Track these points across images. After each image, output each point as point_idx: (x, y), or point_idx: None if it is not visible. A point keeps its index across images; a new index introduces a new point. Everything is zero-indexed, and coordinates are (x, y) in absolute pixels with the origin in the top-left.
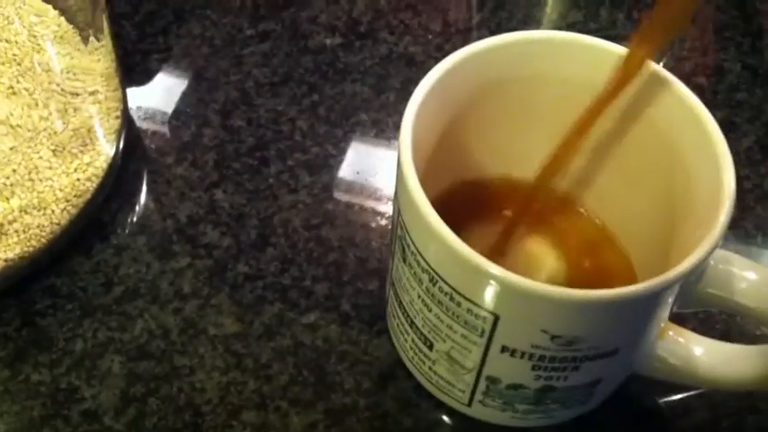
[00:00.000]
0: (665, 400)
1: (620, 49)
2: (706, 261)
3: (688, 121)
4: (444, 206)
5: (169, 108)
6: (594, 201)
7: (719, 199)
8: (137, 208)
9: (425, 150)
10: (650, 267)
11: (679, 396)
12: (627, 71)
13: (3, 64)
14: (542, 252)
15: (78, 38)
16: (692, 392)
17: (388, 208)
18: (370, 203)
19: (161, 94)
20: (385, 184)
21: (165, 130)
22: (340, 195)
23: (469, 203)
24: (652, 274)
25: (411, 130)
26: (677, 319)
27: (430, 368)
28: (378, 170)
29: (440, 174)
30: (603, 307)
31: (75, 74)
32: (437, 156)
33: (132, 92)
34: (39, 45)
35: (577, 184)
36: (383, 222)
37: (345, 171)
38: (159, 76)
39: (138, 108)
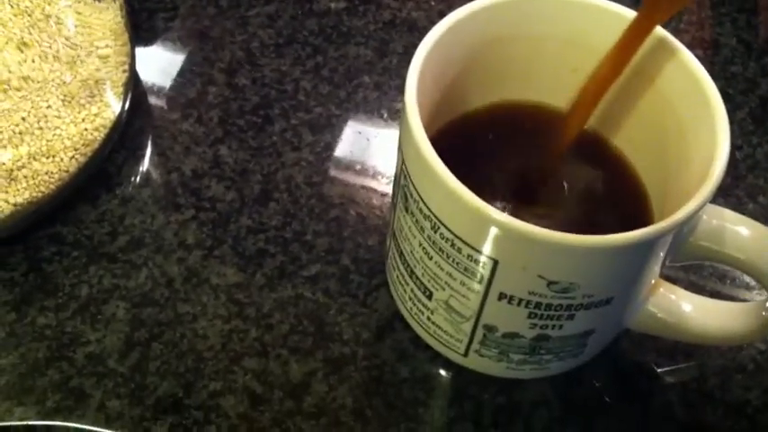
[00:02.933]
0: (654, 358)
1: (621, 10)
2: (699, 213)
3: (688, 82)
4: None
5: (175, 66)
6: None
7: (714, 154)
8: (142, 161)
9: (428, 104)
10: None
11: (667, 355)
12: (636, 35)
13: (15, 15)
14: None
15: None
16: (679, 352)
17: (387, 168)
18: (370, 163)
19: (167, 52)
20: (385, 145)
21: (170, 87)
22: (342, 154)
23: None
24: None
25: (416, 81)
26: (669, 279)
27: (428, 318)
28: (379, 131)
29: (441, 114)
30: (599, 253)
31: (84, 27)
32: (440, 107)
33: (139, 50)
34: None
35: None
36: (383, 181)
37: (347, 131)
38: (165, 35)
39: (145, 65)
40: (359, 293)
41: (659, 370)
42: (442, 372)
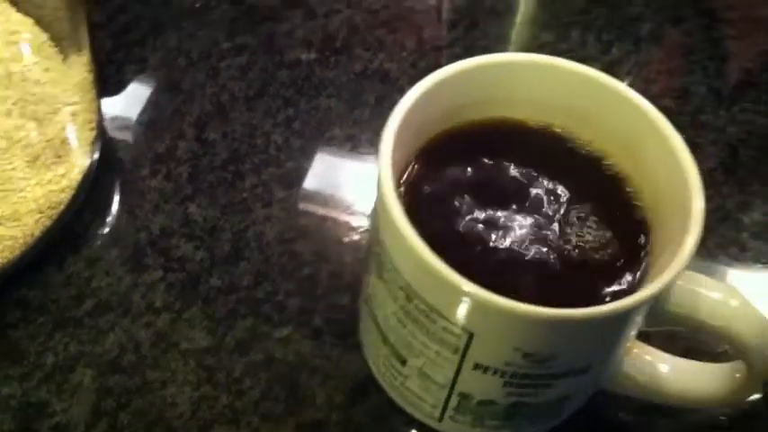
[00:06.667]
0: (630, 415)
1: (591, 72)
2: (673, 282)
3: (660, 147)
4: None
5: (144, 120)
6: None
7: (688, 224)
8: (110, 220)
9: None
10: None
11: (643, 412)
12: None
13: None
14: None
15: (55, 49)
16: (656, 409)
17: (361, 222)
18: (343, 218)
19: (136, 105)
20: (358, 198)
21: (139, 141)
22: (314, 210)
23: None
24: None
25: (390, 150)
26: (644, 335)
27: (402, 383)
28: (351, 185)
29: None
30: (573, 325)
31: (51, 85)
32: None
33: (107, 103)
34: (16, 55)
35: None
36: (356, 237)
37: (319, 185)
38: (134, 88)
39: (113, 119)
40: (332, 355)
41: (637, 428)
42: None
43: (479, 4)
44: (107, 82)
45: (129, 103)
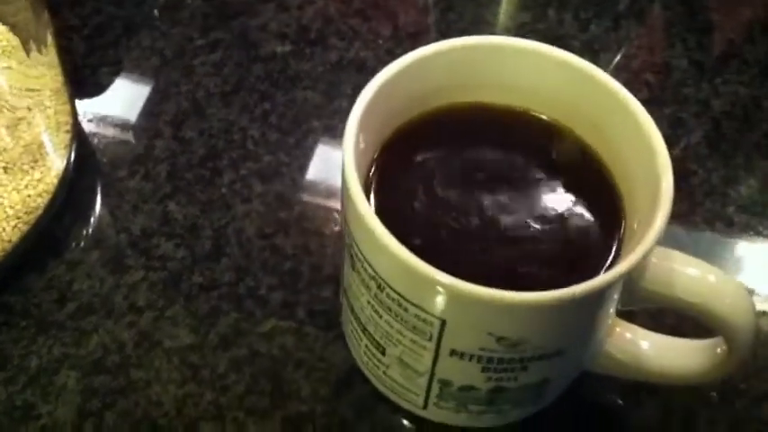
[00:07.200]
0: (619, 395)
1: (564, 55)
2: (646, 260)
3: (629, 126)
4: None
5: (121, 120)
6: None
7: (658, 203)
8: (90, 222)
9: (369, 160)
10: None
11: (631, 391)
12: None
13: None
14: None
15: (24, 52)
16: (644, 388)
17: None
18: (323, 211)
19: (112, 106)
20: (338, 190)
21: (117, 142)
22: (293, 203)
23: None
24: None
25: (353, 142)
26: (629, 313)
27: (384, 372)
28: (330, 177)
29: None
30: (543, 309)
31: (23, 89)
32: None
33: (83, 105)
34: None
35: None
36: (337, 229)
37: (298, 179)
38: (110, 89)
39: (90, 121)
40: (316, 347)
41: (623, 408)
42: (405, 422)
43: None
44: (83, 84)
45: (105, 104)
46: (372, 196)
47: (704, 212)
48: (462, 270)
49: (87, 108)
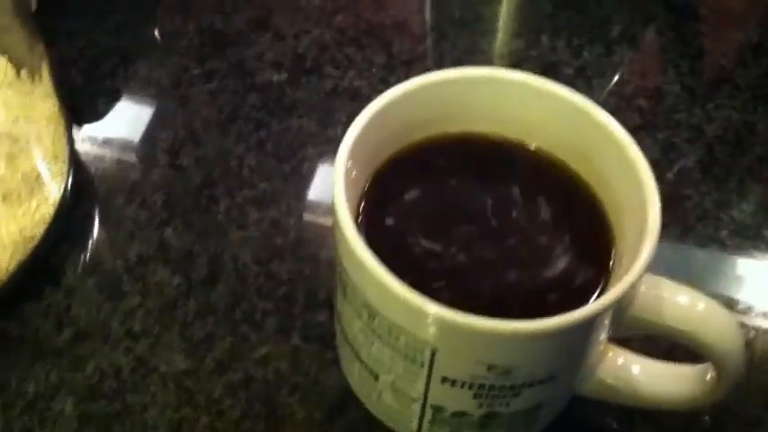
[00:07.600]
0: (613, 419)
1: (554, 87)
2: (634, 289)
3: (617, 156)
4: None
5: (118, 149)
6: None
7: (644, 233)
8: (87, 250)
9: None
10: None
11: (626, 415)
12: None
13: None
14: None
15: (21, 83)
16: (638, 412)
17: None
18: (318, 236)
19: (110, 134)
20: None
21: (114, 170)
22: (288, 229)
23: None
24: None
25: (344, 171)
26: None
27: (378, 398)
28: (325, 203)
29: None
30: (533, 338)
31: (20, 119)
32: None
33: (81, 133)
34: None
35: None
36: (331, 255)
37: (293, 205)
38: (107, 119)
39: (88, 150)
40: (310, 372)
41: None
42: None
43: (447, 16)
44: (80, 114)
45: (102, 133)
46: (363, 225)
47: (697, 236)
48: (452, 299)
49: (85, 136)
